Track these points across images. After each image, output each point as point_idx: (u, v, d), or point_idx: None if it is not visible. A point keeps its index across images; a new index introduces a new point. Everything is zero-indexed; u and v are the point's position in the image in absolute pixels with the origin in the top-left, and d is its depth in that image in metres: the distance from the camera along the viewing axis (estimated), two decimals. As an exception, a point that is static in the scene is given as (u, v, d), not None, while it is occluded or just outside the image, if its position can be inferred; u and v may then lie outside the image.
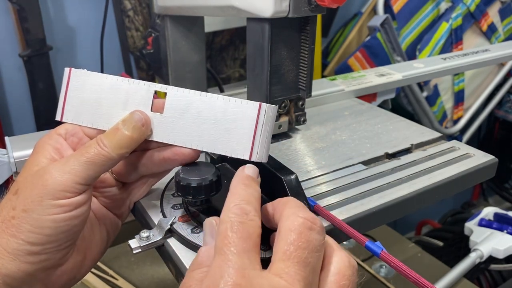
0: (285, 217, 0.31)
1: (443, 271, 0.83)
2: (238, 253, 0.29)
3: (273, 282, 0.28)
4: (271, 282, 0.28)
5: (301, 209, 0.32)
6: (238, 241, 0.29)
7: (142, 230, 0.41)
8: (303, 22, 0.50)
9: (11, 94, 0.99)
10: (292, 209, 0.32)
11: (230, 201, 0.32)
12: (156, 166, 0.42)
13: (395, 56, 1.27)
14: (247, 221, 0.30)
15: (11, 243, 0.35)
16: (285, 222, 0.31)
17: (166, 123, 0.40)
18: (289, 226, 0.30)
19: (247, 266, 0.28)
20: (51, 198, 0.35)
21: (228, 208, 0.32)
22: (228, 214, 0.31)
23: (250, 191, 0.33)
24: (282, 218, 0.32)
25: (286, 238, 0.30)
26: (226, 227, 0.30)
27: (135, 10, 1.04)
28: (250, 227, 0.30)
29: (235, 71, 1.16)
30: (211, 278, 0.28)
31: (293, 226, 0.30)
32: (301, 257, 0.29)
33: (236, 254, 0.29)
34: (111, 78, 0.42)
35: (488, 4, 1.40)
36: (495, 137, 1.85)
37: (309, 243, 0.30)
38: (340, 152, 0.55)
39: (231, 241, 0.29)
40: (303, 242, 0.29)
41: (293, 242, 0.29)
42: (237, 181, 0.34)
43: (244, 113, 0.38)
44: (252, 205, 0.32)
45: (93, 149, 0.37)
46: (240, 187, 0.34)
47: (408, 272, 0.34)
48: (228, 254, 0.28)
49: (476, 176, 0.53)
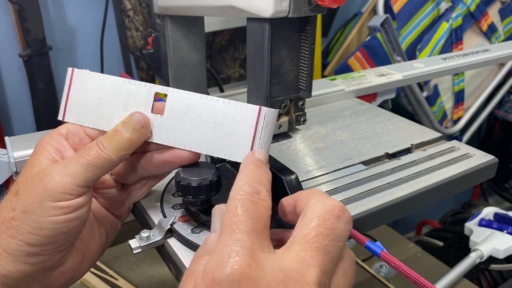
0: (312, 202, 0.29)
1: (443, 271, 0.83)
2: (248, 232, 0.27)
3: (284, 265, 0.26)
4: (282, 265, 0.26)
5: (329, 197, 0.30)
6: (248, 220, 0.27)
7: (142, 230, 0.41)
8: (303, 22, 0.50)
9: (11, 94, 0.99)
10: (320, 196, 0.30)
11: (240, 180, 0.30)
12: (155, 168, 0.42)
13: (395, 56, 1.27)
14: (258, 200, 0.29)
15: (10, 244, 0.35)
16: (312, 208, 0.29)
17: (166, 125, 0.40)
18: (315, 211, 0.29)
19: (256, 247, 0.26)
20: (51, 200, 0.35)
21: (238, 186, 0.30)
22: (238, 192, 0.29)
23: (262, 172, 0.32)
24: (309, 204, 0.30)
25: (309, 222, 0.28)
26: (235, 204, 0.28)
27: (135, 10, 1.04)
28: (261, 207, 0.28)
29: (235, 71, 1.16)
30: (217, 257, 0.26)
31: (320, 212, 0.28)
32: (321, 243, 0.27)
33: (246, 232, 0.26)
34: (112, 79, 0.42)
35: (488, 4, 1.40)
36: (495, 137, 1.85)
37: (333, 231, 0.28)
38: (340, 152, 0.55)
39: (240, 219, 0.27)
40: (326, 229, 0.28)
41: (316, 227, 0.28)
42: (248, 163, 0.33)
43: (244, 116, 0.38)
44: (264, 186, 0.30)
45: (93, 151, 0.37)
46: (251, 167, 0.32)
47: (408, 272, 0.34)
48: (237, 232, 0.26)
49: (476, 176, 0.53)
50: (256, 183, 0.30)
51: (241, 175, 0.31)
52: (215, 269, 0.25)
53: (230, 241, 0.26)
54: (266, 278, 0.25)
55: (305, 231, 0.27)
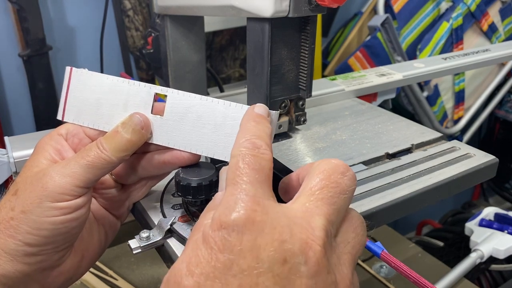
0: (317, 163, 0.30)
1: (443, 271, 0.83)
2: (251, 182, 0.27)
3: (289, 213, 0.26)
4: (287, 213, 0.26)
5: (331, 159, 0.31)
6: (250, 172, 0.28)
7: (142, 230, 0.41)
8: (303, 22, 0.50)
9: (11, 94, 0.99)
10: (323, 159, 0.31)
11: (240, 137, 0.31)
12: (155, 168, 0.42)
13: (396, 56, 1.27)
14: (258, 154, 0.29)
15: (9, 244, 0.35)
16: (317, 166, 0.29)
17: (166, 126, 0.40)
18: (321, 167, 0.29)
19: (261, 195, 0.27)
20: (50, 200, 0.35)
21: (238, 143, 0.30)
22: (239, 148, 0.30)
23: (261, 127, 0.32)
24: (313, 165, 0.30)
25: (315, 177, 0.28)
26: (237, 159, 0.29)
27: (135, 10, 1.04)
28: (262, 159, 0.29)
29: (235, 71, 1.16)
30: (223, 206, 0.26)
31: (325, 167, 0.29)
32: (327, 195, 0.28)
33: (249, 183, 0.27)
34: (112, 79, 0.42)
35: (488, 4, 1.40)
36: (495, 137, 1.85)
37: (338, 185, 0.28)
38: (340, 152, 0.55)
39: (243, 172, 0.28)
40: (331, 182, 0.28)
41: (321, 181, 0.28)
42: (247, 119, 0.33)
43: None
44: (264, 140, 0.30)
45: (93, 152, 0.37)
46: (251, 123, 0.32)
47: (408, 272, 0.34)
48: (241, 183, 0.27)
49: (477, 176, 0.53)
50: (256, 138, 0.30)
51: (240, 132, 0.31)
52: (222, 215, 0.26)
53: (235, 191, 0.27)
54: (271, 222, 0.26)
55: (310, 185, 0.28)
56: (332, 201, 0.28)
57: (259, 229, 0.25)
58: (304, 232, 0.26)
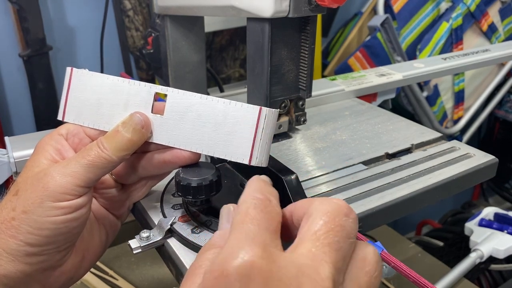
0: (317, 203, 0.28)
1: (443, 271, 0.83)
2: (261, 229, 0.26)
3: (297, 261, 0.24)
4: (295, 261, 0.25)
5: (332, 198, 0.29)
6: (261, 219, 0.26)
7: (142, 230, 0.41)
8: (303, 22, 0.50)
9: (11, 94, 0.99)
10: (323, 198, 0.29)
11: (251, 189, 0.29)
12: (156, 168, 0.42)
13: (395, 56, 1.27)
14: (270, 206, 0.28)
15: (10, 244, 0.35)
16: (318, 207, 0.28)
17: (166, 125, 0.40)
18: (324, 209, 0.27)
19: (269, 242, 0.25)
20: (51, 200, 0.35)
21: (249, 192, 0.29)
22: (249, 197, 0.28)
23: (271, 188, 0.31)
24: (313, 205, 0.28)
25: (318, 220, 0.27)
26: (247, 206, 0.27)
27: (135, 10, 1.04)
28: (273, 212, 0.28)
29: (235, 71, 1.16)
30: (227, 250, 0.24)
31: (328, 209, 0.27)
32: (333, 240, 0.26)
33: (258, 229, 0.25)
34: (112, 79, 0.42)
35: (488, 4, 1.40)
36: (495, 137, 1.85)
37: (343, 228, 0.27)
38: (340, 152, 0.55)
39: (253, 217, 0.26)
40: (336, 226, 0.26)
41: (326, 224, 0.26)
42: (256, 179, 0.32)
43: (244, 117, 0.38)
44: (275, 197, 0.29)
45: (94, 152, 0.37)
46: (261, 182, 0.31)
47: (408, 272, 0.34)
48: (250, 226, 0.26)
49: (476, 176, 0.53)
50: (267, 193, 0.29)
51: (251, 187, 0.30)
52: (224, 261, 0.24)
53: (241, 235, 0.25)
54: (279, 272, 0.24)
55: (314, 228, 0.26)
56: (338, 246, 0.26)
57: (265, 280, 0.23)
58: (312, 285, 0.24)
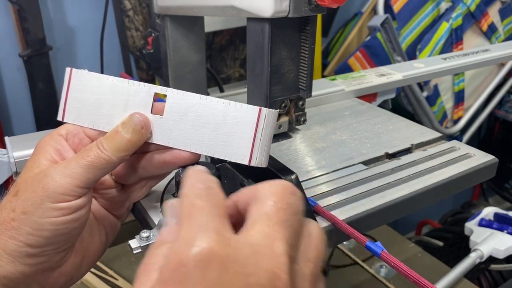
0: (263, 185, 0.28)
1: (443, 271, 0.83)
2: (210, 216, 0.25)
3: (251, 242, 0.25)
4: (250, 241, 0.25)
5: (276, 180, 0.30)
6: (208, 207, 0.26)
7: (142, 230, 0.41)
8: (303, 22, 0.50)
9: (11, 94, 0.99)
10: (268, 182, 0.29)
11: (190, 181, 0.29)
12: (155, 168, 0.42)
13: (395, 56, 1.27)
14: (212, 192, 0.27)
15: (10, 245, 0.35)
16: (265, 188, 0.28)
17: (166, 126, 0.40)
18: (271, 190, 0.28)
19: (221, 228, 0.25)
20: (51, 201, 0.35)
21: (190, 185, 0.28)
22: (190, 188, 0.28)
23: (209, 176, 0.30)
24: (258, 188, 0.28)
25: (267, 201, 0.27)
26: (191, 197, 0.27)
27: (135, 10, 1.04)
28: (217, 198, 0.27)
29: (235, 71, 1.16)
30: (181, 242, 0.24)
31: (275, 190, 0.28)
32: (283, 218, 0.26)
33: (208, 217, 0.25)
34: (112, 79, 0.42)
35: (488, 4, 1.40)
36: (495, 137, 1.85)
37: (291, 206, 0.27)
38: (340, 152, 0.55)
39: (200, 207, 0.26)
40: (284, 204, 0.27)
41: (275, 204, 0.27)
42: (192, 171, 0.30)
43: (244, 117, 0.38)
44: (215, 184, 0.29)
45: (93, 152, 0.37)
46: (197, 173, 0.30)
47: (408, 272, 0.34)
48: (199, 216, 0.25)
49: (476, 176, 0.53)
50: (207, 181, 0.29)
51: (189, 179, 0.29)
52: (180, 252, 0.23)
53: (193, 225, 0.25)
54: (235, 254, 0.24)
55: (264, 209, 0.27)
56: (289, 223, 0.26)
57: (222, 264, 0.23)
58: (269, 262, 0.24)
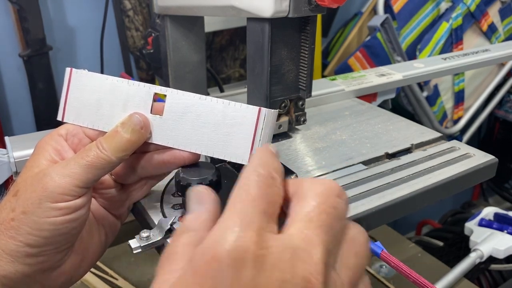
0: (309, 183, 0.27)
1: (443, 271, 0.83)
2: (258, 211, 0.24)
3: (290, 244, 0.24)
4: (287, 243, 0.24)
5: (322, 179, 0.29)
6: (260, 201, 0.25)
7: (142, 230, 0.41)
8: (303, 22, 0.50)
9: (11, 94, 0.99)
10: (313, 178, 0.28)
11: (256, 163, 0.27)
12: (155, 168, 0.42)
13: (395, 56, 1.27)
14: (273, 186, 0.26)
15: (9, 245, 0.35)
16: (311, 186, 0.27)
17: (165, 126, 0.40)
18: (316, 189, 0.26)
19: (264, 227, 0.24)
20: (50, 201, 0.35)
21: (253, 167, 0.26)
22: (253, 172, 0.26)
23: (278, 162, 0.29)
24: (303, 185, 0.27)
25: (311, 201, 0.26)
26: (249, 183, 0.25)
27: (135, 10, 1.04)
28: (275, 193, 0.26)
29: (235, 71, 1.16)
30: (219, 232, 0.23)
31: (320, 190, 0.26)
32: (325, 221, 0.25)
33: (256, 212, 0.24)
34: (111, 79, 0.42)
35: (488, 4, 1.40)
36: (495, 137, 1.85)
37: (335, 209, 0.26)
38: (340, 152, 0.55)
39: (252, 198, 0.24)
40: (329, 207, 0.26)
41: (319, 205, 0.25)
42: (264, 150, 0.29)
43: (244, 117, 0.38)
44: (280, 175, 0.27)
45: (93, 152, 0.37)
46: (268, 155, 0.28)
47: (408, 272, 0.34)
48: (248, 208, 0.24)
49: (476, 176, 0.53)
50: (272, 169, 0.27)
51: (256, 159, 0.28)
52: (216, 244, 0.22)
53: (237, 218, 0.24)
54: (273, 256, 0.23)
55: (307, 209, 0.26)
56: (330, 228, 0.25)
57: (257, 265, 0.22)
58: (306, 268, 0.23)
